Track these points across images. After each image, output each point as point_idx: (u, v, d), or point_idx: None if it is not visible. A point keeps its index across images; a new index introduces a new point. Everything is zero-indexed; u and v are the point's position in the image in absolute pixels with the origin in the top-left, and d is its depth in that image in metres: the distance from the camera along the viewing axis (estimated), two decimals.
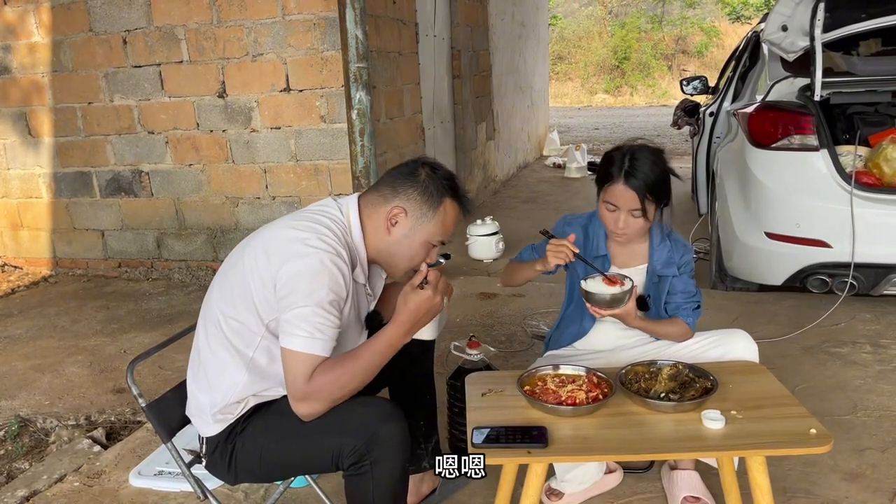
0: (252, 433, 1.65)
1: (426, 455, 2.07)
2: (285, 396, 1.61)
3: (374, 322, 1.83)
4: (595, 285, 1.85)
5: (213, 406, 1.66)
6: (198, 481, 1.72)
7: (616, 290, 1.81)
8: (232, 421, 1.67)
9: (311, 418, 1.56)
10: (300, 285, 1.53)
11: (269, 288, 1.57)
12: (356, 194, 1.76)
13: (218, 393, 1.65)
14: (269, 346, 1.63)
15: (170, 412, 1.75)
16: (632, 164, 1.88)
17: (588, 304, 1.86)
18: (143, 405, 1.69)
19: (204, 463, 1.72)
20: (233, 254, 1.73)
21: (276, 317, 1.58)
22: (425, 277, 1.62)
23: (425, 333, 1.84)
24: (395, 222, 1.68)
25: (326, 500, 2.05)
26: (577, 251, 1.87)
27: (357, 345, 1.71)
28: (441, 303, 1.63)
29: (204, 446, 1.71)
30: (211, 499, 1.73)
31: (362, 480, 1.55)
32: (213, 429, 1.68)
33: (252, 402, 1.68)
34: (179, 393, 1.81)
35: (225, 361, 1.65)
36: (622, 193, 1.89)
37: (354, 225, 1.69)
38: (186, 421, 1.79)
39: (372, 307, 1.85)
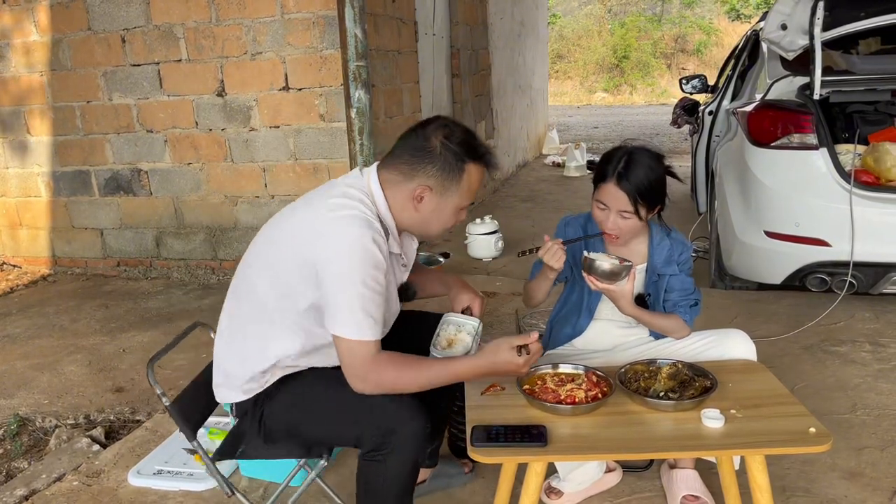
0: (280, 402, 1.70)
1: (425, 456, 2.07)
2: (312, 369, 1.69)
3: (407, 294, 1.84)
4: (598, 256, 1.90)
5: (250, 371, 1.69)
6: (224, 479, 1.72)
7: (616, 262, 1.85)
8: (258, 391, 1.71)
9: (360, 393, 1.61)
10: (342, 267, 1.56)
11: (311, 268, 1.59)
12: (374, 165, 1.75)
13: (259, 360, 1.68)
14: (311, 327, 1.64)
15: (191, 410, 1.76)
16: (626, 166, 1.88)
17: (586, 275, 1.89)
18: (167, 404, 1.69)
19: (232, 431, 1.78)
20: (272, 224, 1.73)
21: (320, 294, 1.59)
22: (527, 345, 1.63)
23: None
24: (422, 199, 1.68)
25: (329, 491, 2.05)
26: (560, 242, 1.92)
27: (388, 316, 1.75)
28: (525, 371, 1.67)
29: (234, 410, 1.75)
30: (239, 496, 1.75)
31: (376, 468, 1.61)
32: (237, 396, 1.72)
33: (279, 374, 1.71)
34: (197, 391, 1.82)
35: (272, 333, 1.67)
36: (612, 194, 1.90)
37: (379, 198, 1.69)
38: (206, 418, 1.83)
39: (405, 277, 1.85)
